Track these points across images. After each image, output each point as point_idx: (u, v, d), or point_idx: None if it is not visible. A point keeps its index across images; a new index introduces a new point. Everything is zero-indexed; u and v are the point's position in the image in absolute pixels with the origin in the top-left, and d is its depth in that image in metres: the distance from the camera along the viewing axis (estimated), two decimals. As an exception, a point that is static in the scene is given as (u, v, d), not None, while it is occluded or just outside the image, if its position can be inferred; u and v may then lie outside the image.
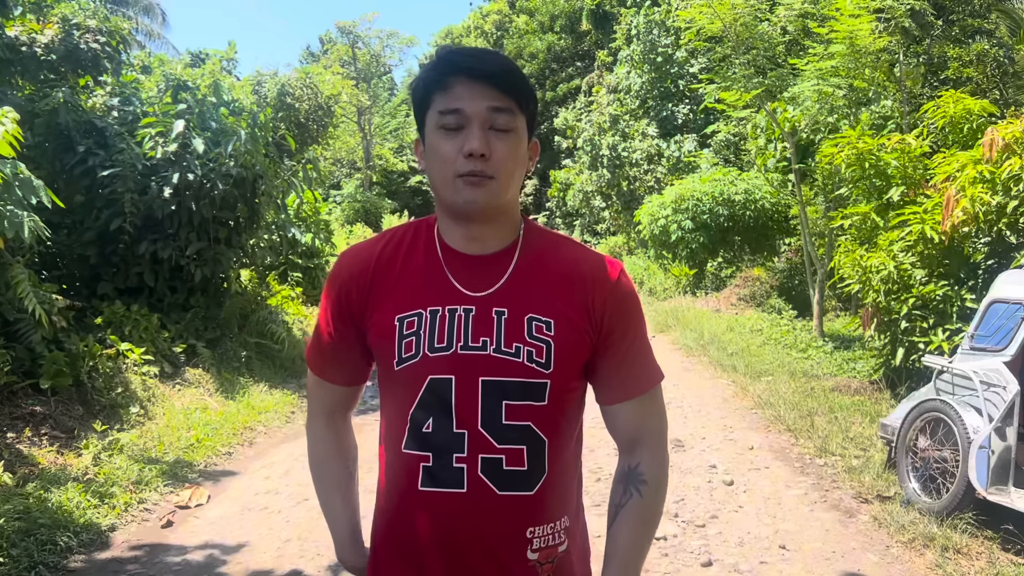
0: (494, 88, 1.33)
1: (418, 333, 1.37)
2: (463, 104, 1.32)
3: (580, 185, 25.24)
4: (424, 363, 1.36)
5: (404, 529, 1.41)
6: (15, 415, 5.74)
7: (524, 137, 1.39)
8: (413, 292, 1.40)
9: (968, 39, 12.62)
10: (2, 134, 5.05)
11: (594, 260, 1.45)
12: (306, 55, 42.05)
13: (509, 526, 1.37)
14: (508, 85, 1.34)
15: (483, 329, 1.36)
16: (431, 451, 1.36)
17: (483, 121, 1.33)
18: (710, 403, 7.76)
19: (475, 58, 1.35)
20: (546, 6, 36.83)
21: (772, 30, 10.68)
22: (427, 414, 1.37)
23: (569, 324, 1.38)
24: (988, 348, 4.79)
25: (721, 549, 4.30)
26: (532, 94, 1.39)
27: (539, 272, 1.42)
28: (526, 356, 1.35)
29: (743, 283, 15.67)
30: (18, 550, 4.08)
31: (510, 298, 1.38)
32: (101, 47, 7.99)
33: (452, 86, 1.33)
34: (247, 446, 6.72)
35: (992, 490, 4.22)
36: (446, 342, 1.35)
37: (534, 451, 1.37)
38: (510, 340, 1.35)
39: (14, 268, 5.85)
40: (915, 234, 6.95)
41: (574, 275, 1.42)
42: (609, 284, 1.42)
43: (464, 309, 1.37)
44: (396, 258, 1.44)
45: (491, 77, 1.33)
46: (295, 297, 11.29)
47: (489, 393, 1.35)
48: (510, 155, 1.35)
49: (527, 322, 1.36)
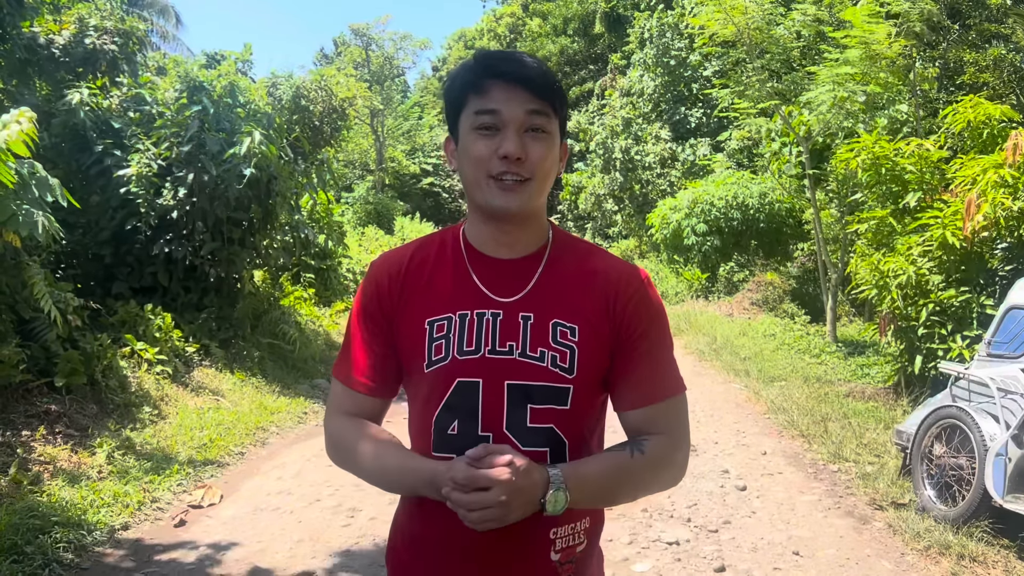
0: (530, 92, 1.34)
1: (447, 336, 1.38)
2: (500, 106, 1.34)
3: (592, 188, 25.20)
4: (453, 365, 1.37)
5: (429, 531, 1.43)
6: (30, 413, 5.77)
7: (557, 140, 1.40)
8: (442, 297, 1.42)
9: (985, 44, 12.52)
10: (18, 134, 5.08)
11: (621, 268, 1.46)
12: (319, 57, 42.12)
13: (533, 528, 1.36)
14: (544, 89, 1.36)
15: (510, 333, 1.38)
16: (456, 453, 1.34)
17: (519, 124, 1.34)
18: (723, 408, 7.72)
19: (512, 62, 1.37)
20: (559, 9, 36.82)
21: (786, 34, 10.64)
22: (452, 416, 1.38)
23: (592, 330, 1.39)
24: (1005, 355, 4.75)
25: (734, 555, 4.28)
26: (565, 98, 1.40)
27: (566, 278, 1.43)
28: (550, 361, 1.37)
29: (756, 287, 15.59)
30: (32, 547, 4.10)
31: (537, 303, 1.40)
32: (118, 48, 8.05)
33: (489, 89, 1.35)
34: (260, 446, 6.73)
35: (1009, 498, 4.17)
36: (475, 346, 1.37)
37: (556, 453, 1.38)
38: (535, 345, 1.37)
39: (30, 268, 5.88)
40: (936, 239, 6.89)
41: (600, 282, 1.43)
42: (633, 290, 1.43)
43: (492, 313, 1.39)
44: (426, 263, 1.46)
45: (528, 81, 1.35)
46: (308, 298, 11.32)
47: (514, 396, 1.37)
48: (546, 156, 1.37)
49: (552, 327, 1.38)
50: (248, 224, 8.85)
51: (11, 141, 5.01)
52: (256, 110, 8.85)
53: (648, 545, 4.42)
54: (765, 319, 13.08)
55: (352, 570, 4.18)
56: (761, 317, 13.43)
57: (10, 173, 5.04)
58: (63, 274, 7.94)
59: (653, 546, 4.41)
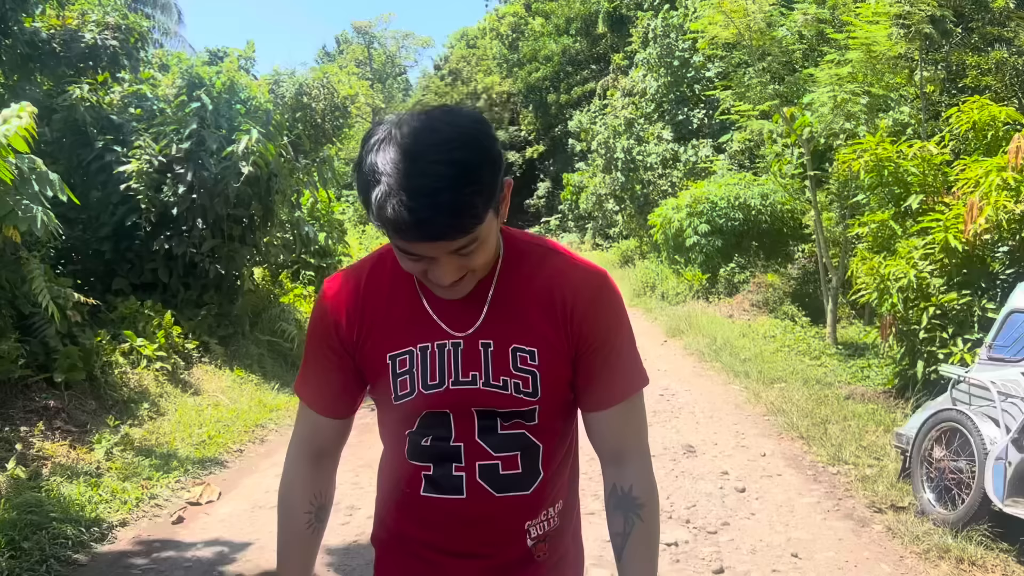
0: (450, 240, 1.20)
1: (411, 372, 1.39)
2: (422, 252, 1.24)
3: (594, 188, 25.17)
4: (419, 400, 1.39)
5: (408, 530, 1.48)
6: (29, 408, 5.77)
7: (493, 226, 1.27)
8: (401, 329, 1.40)
9: (987, 47, 12.50)
10: (17, 129, 5.07)
11: (573, 276, 1.41)
12: (322, 55, 42.20)
13: (507, 524, 1.44)
14: (465, 227, 1.19)
15: (472, 363, 1.38)
16: (431, 461, 1.41)
17: (447, 257, 1.24)
18: (722, 409, 7.71)
19: (418, 216, 1.15)
20: (562, 9, 36.80)
21: (788, 36, 10.62)
22: (425, 434, 1.42)
23: (551, 349, 1.39)
24: (1006, 358, 4.74)
25: (733, 556, 4.27)
26: (492, 183, 1.21)
27: (520, 297, 1.40)
28: (513, 388, 1.38)
29: (756, 289, 15.55)
30: (30, 543, 4.09)
31: (494, 329, 1.38)
32: (120, 44, 8.04)
33: (403, 237, 1.21)
34: (258, 444, 6.73)
35: (1008, 502, 4.16)
36: (438, 379, 1.38)
37: (529, 456, 1.42)
38: (497, 374, 1.37)
39: (29, 263, 5.87)
40: (939, 242, 6.86)
41: (554, 296, 1.39)
42: (587, 300, 1.40)
43: (452, 344, 1.38)
44: (381, 293, 1.42)
45: (443, 236, 1.18)
46: (307, 296, 11.32)
47: (483, 417, 1.40)
48: (482, 254, 1.28)
49: (512, 353, 1.38)
50: (248, 221, 8.84)
51: (10, 136, 5.00)
52: (257, 107, 8.84)
53: (647, 546, 4.41)
54: (765, 321, 13.06)
55: (350, 568, 4.18)
56: (761, 319, 13.41)
57: (8, 169, 5.04)
58: (63, 270, 7.94)
59: (652, 547, 4.40)
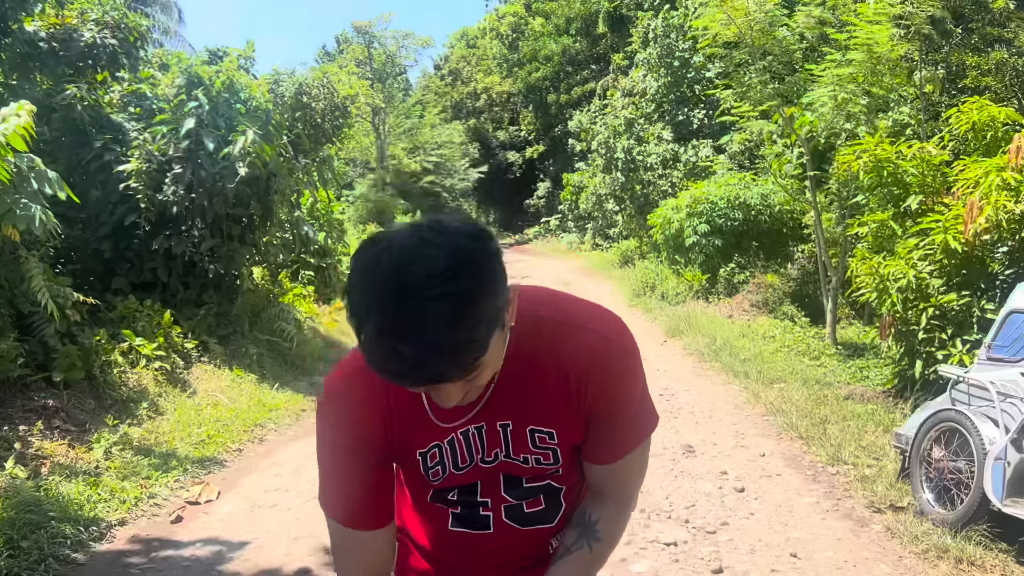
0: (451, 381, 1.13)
1: (442, 462, 1.42)
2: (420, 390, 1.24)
3: (594, 188, 25.15)
4: (450, 479, 1.44)
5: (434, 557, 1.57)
6: (28, 408, 5.76)
7: (499, 343, 1.17)
8: (423, 427, 1.39)
9: (987, 48, 12.50)
10: (16, 127, 5.06)
11: (582, 346, 1.34)
12: (322, 54, 42.13)
13: (533, 548, 1.55)
14: (468, 366, 1.10)
15: (494, 442, 1.41)
16: (459, 505, 1.50)
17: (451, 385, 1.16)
18: (722, 409, 7.70)
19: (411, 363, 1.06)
20: (562, 9, 36.80)
21: (789, 35, 10.60)
22: (452, 490, 1.50)
23: (567, 427, 1.41)
24: (1006, 359, 4.74)
25: (732, 556, 4.27)
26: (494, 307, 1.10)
27: (530, 375, 1.34)
28: (535, 462, 1.43)
29: (756, 289, 15.54)
30: (28, 542, 4.09)
31: (508, 409, 1.37)
32: (119, 43, 8.03)
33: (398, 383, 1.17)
34: (257, 443, 6.73)
35: (1008, 502, 4.16)
36: (468, 460, 1.42)
37: (551, 496, 1.51)
38: (518, 451, 1.41)
39: (28, 262, 5.87)
40: (938, 243, 6.86)
41: (566, 371, 1.34)
42: (598, 372, 1.35)
43: (475, 428, 1.39)
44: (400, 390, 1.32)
45: (442, 379, 1.11)
46: (307, 296, 11.32)
47: (508, 480, 1.47)
48: (488, 372, 1.20)
49: (530, 434, 1.40)
50: (247, 221, 8.83)
51: (9, 135, 4.99)
52: (257, 107, 8.83)
53: (646, 546, 4.42)
54: (765, 321, 13.04)
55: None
56: (761, 319, 13.40)
57: (7, 167, 5.03)
58: (62, 269, 7.92)
59: (651, 547, 4.41)
